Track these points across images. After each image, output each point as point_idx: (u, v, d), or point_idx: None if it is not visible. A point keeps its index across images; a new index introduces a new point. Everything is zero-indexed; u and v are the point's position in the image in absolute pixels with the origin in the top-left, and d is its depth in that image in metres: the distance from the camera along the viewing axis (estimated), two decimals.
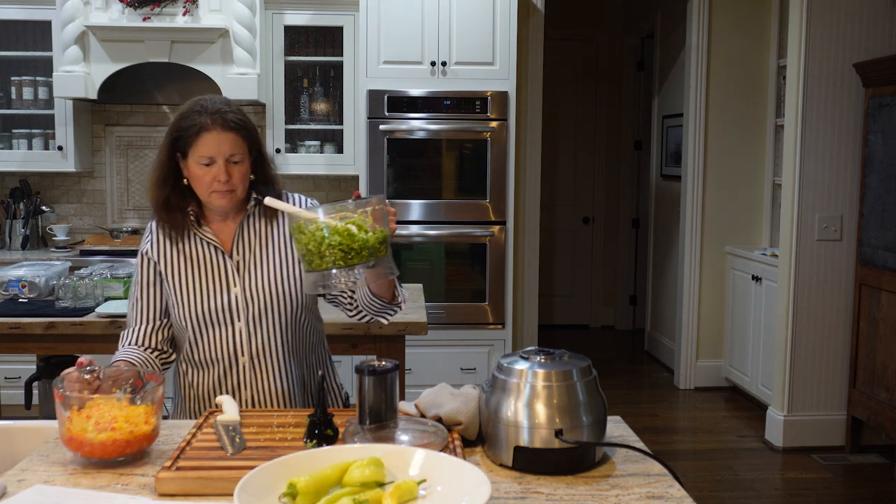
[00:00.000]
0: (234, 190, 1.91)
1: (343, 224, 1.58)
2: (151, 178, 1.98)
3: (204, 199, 1.93)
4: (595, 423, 1.55)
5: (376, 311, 1.99)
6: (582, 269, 7.13)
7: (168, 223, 1.97)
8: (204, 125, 1.86)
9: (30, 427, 1.90)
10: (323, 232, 1.58)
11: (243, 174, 1.91)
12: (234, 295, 1.96)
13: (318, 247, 1.58)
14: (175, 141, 1.91)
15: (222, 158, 1.87)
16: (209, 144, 1.86)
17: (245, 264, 1.98)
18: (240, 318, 1.96)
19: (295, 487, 1.26)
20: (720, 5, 5.16)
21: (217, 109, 1.89)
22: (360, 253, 1.58)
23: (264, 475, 1.29)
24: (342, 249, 1.57)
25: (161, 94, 4.77)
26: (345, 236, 1.57)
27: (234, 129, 1.88)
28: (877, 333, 3.98)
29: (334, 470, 1.31)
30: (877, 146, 3.96)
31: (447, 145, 4.46)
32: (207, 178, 1.88)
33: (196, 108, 1.90)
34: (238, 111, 1.93)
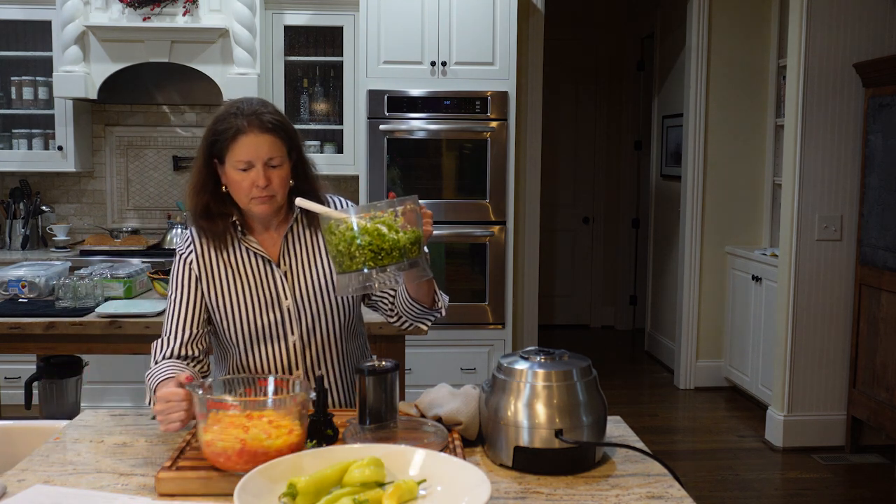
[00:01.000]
0: (273, 196, 1.81)
1: (373, 224, 1.55)
2: (189, 185, 1.89)
3: (243, 206, 1.84)
4: (595, 423, 1.55)
5: (416, 316, 1.94)
6: (582, 269, 7.13)
7: (209, 231, 1.88)
8: (240, 128, 1.78)
9: (30, 427, 1.90)
10: (353, 232, 1.55)
11: (283, 178, 1.82)
12: (286, 308, 1.89)
13: (347, 247, 1.56)
14: (211, 146, 1.82)
15: (260, 162, 1.78)
16: (246, 148, 1.77)
17: (293, 275, 1.90)
18: (293, 332, 1.90)
19: (295, 487, 1.26)
20: (720, 5, 5.16)
21: (253, 111, 1.80)
22: (390, 253, 1.56)
23: (264, 475, 1.29)
24: (372, 250, 1.55)
25: (161, 94, 4.77)
26: (375, 236, 1.55)
27: (271, 130, 1.79)
28: (877, 333, 3.98)
29: (334, 470, 1.31)
30: (877, 146, 3.96)
31: (447, 145, 4.46)
32: (246, 183, 1.79)
33: (232, 110, 1.82)
34: (276, 112, 1.84)
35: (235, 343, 1.92)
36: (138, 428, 1.79)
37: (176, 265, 1.92)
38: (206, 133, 1.85)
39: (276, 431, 1.44)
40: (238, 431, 1.42)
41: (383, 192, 4.39)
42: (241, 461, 1.41)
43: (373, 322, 2.74)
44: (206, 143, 1.84)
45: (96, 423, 1.82)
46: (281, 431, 1.45)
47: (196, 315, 1.91)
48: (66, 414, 3.05)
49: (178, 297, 1.91)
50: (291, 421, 1.47)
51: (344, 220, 1.57)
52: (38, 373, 3.19)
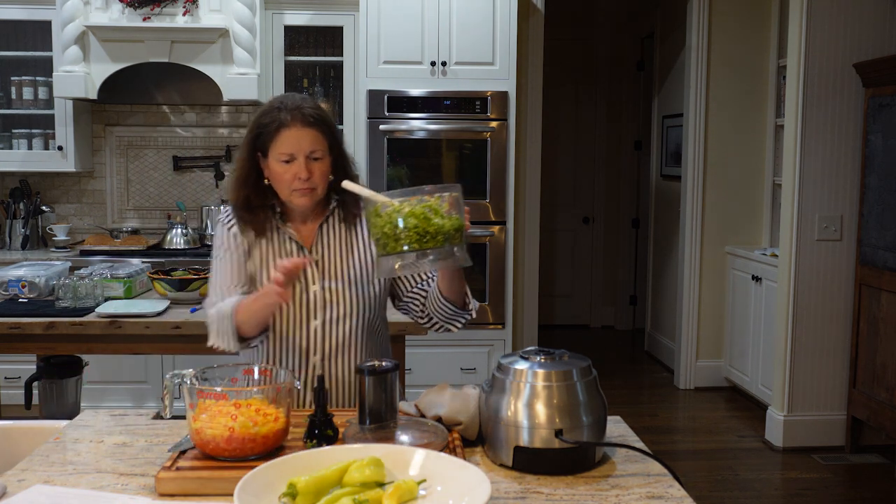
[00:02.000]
0: (314, 188, 1.89)
1: (420, 207, 1.59)
2: (232, 177, 1.97)
3: (285, 197, 1.91)
4: (595, 423, 1.55)
5: (447, 317, 1.97)
6: (582, 269, 7.13)
7: (250, 223, 1.95)
8: (283, 121, 1.85)
9: (30, 427, 1.90)
10: (400, 214, 1.59)
11: (324, 172, 1.89)
12: (313, 293, 1.93)
13: (393, 229, 1.59)
14: (255, 139, 1.90)
15: (302, 155, 1.85)
16: (289, 141, 1.84)
17: (324, 264, 1.96)
18: (316, 317, 1.94)
19: (295, 487, 1.26)
20: (720, 5, 5.16)
21: (296, 105, 1.87)
22: (434, 237, 1.59)
23: (264, 475, 1.29)
24: (418, 233, 1.58)
25: (161, 94, 4.77)
26: (421, 220, 1.58)
27: (313, 124, 1.86)
28: (877, 333, 3.98)
29: (334, 470, 1.32)
30: (877, 146, 3.96)
31: (447, 145, 4.46)
32: (288, 175, 1.86)
33: (276, 104, 1.89)
34: (318, 107, 1.91)
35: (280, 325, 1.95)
36: (138, 428, 1.78)
37: (220, 232, 1.98)
38: (250, 127, 1.92)
39: (262, 419, 1.50)
40: (226, 419, 1.48)
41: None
42: (230, 448, 1.48)
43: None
44: (250, 136, 1.91)
45: (96, 423, 1.82)
46: (267, 419, 1.51)
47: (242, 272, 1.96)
48: (66, 414, 3.05)
49: (225, 258, 1.96)
50: (276, 409, 1.53)
51: (391, 203, 1.61)
52: (38, 373, 3.19)
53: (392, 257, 1.60)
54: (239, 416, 1.48)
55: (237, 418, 1.48)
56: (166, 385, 1.62)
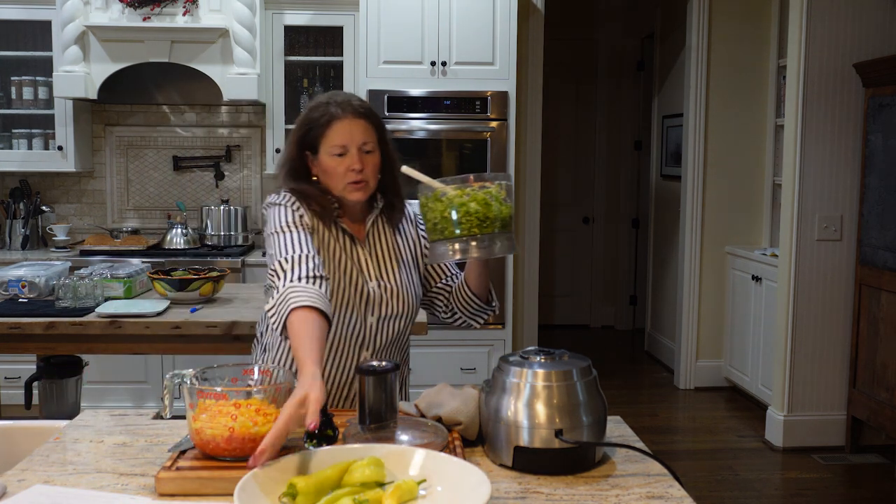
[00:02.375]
0: (367, 181, 1.87)
1: (482, 193, 1.62)
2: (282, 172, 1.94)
3: (338, 193, 1.89)
4: (595, 423, 1.55)
5: (472, 312, 2.00)
6: (582, 269, 7.13)
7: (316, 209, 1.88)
8: (335, 114, 1.84)
9: (30, 427, 1.90)
10: (462, 199, 1.62)
11: (375, 165, 1.88)
12: (371, 289, 1.92)
13: (454, 215, 1.62)
14: (305, 135, 1.88)
15: (355, 147, 1.84)
16: (341, 132, 1.84)
17: (378, 263, 1.95)
18: (373, 313, 1.93)
19: (295, 487, 1.26)
20: (720, 5, 5.16)
21: (346, 99, 1.87)
22: (493, 223, 1.63)
23: (264, 475, 1.29)
24: (479, 217, 1.62)
25: (161, 94, 4.77)
26: (482, 205, 1.62)
27: (364, 116, 1.86)
28: (877, 333, 3.98)
29: (334, 470, 1.31)
30: (877, 146, 3.96)
31: (447, 145, 4.46)
32: (341, 168, 1.85)
33: (324, 100, 1.89)
34: (365, 101, 1.91)
35: None
36: (138, 428, 1.78)
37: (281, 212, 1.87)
38: (298, 124, 1.91)
39: (262, 419, 1.49)
40: (226, 419, 1.48)
41: None
42: (230, 448, 1.47)
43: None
44: (298, 133, 1.90)
45: (96, 423, 1.82)
46: (268, 419, 1.50)
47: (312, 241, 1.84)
48: (66, 414, 3.05)
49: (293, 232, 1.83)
50: (276, 409, 1.52)
51: (449, 190, 1.64)
52: (38, 373, 3.19)
53: (449, 242, 1.64)
54: (239, 416, 1.48)
55: (237, 418, 1.48)
56: (166, 385, 1.62)
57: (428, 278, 2.07)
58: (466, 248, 1.64)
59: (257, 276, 4.45)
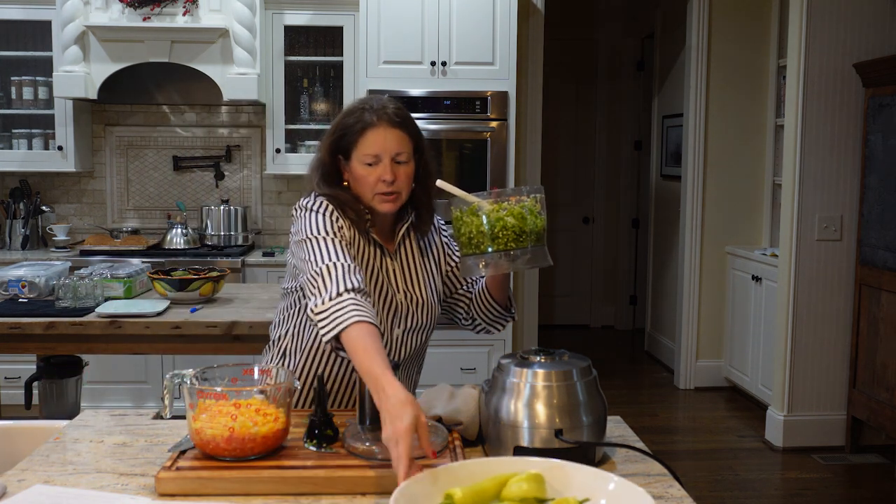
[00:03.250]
0: (399, 193, 1.81)
1: (518, 207, 1.63)
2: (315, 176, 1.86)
3: (367, 202, 1.82)
4: (595, 423, 1.55)
5: (492, 319, 1.96)
6: (582, 269, 7.13)
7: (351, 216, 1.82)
8: (369, 122, 1.79)
9: (30, 427, 1.90)
10: (500, 213, 1.62)
11: (408, 176, 1.82)
12: (399, 300, 1.89)
13: (492, 228, 1.62)
14: (338, 140, 1.82)
15: (388, 157, 1.78)
16: (375, 141, 1.78)
17: (403, 274, 1.91)
18: (399, 325, 1.90)
19: (452, 499, 1.22)
20: (720, 5, 5.16)
21: (382, 106, 1.82)
22: (529, 237, 1.63)
23: (421, 485, 1.25)
24: (515, 232, 1.62)
25: (161, 94, 4.77)
26: (519, 219, 1.62)
27: (399, 125, 1.81)
28: (877, 333, 3.98)
29: (492, 483, 1.26)
30: (877, 146, 3.96)
31: (447, 145, 4.46)
32: (372, 178, 1.78)
33: (360, 105, 1.83)
34: (403, 109, 1.85)
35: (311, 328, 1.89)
36: (138, 428, 1.78)
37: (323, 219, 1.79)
38: (332, 128, 1.85)
39: (262, 419, 1.50)
40: (226, 419, 1.48)
41: None
42: (230, 448, 1.48)
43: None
44: (332, 138, 1.84)
45: (96, 423, 1.82)
46: (267, 419, 1.51)
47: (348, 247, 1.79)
48: (66, 414, 3.05)
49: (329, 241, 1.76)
50: (276, 409, 1.53)
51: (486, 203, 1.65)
52: (38, 373, 3.19)
53: (485, 256, 1.64)
54: (239, 416, 1.48)
55: (237, 418, 1.48)
56: (166, 385, 1.62)
57: (449, 284, 2.03)
58: (501, 263, 1.63)
59: (257, 276, 4.45)
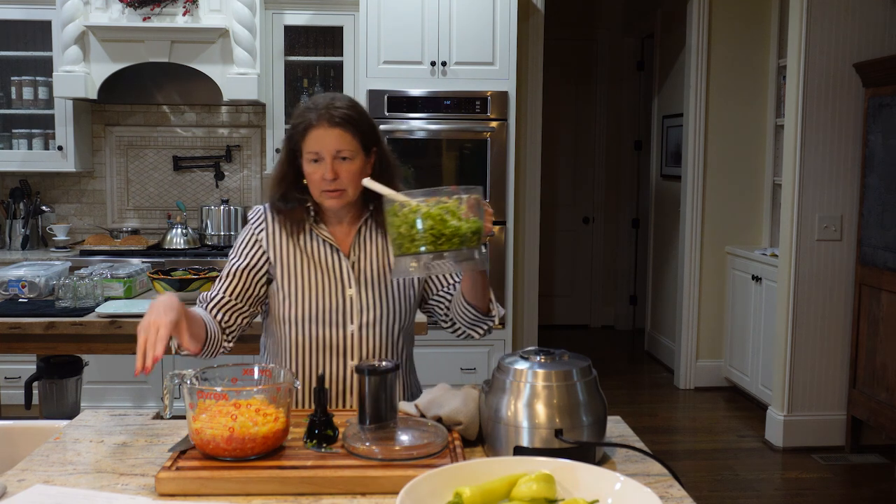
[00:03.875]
0: (343, 190, 1.85)
1: (437, 209, 1.59)
2: (272, 175, 1.98)
3: (316, 198, 1.89)
4: (595, 423, 1.54)
5: (469, 322, 1.96)
6: (582, 269, 7.13)
7: (286, 218, 1.93)
8: (311, 122, 1.84)
9: (30, 427, 1.90)
10: (416, 215, 1.59)
11: (352, 173, 1.85)
12: (350, 297, 1.92)
13: (409, 230, 1.59)
14: (289, 140, 1.90)
15: (329, 155, 1.83)
16: (315, 141, 1.83)
17: (360, 267, 1.94)
18: (353, 321, 1.92)
19: (461, 497, 1.22)
20: (720, 5, 5.16)
21: (326, 105, 1.85)
22: (450, 239, 1.59)
23: (430, 482, 1.25)
24: (433, 234, 1.58)
25: (161, 94, 4.77)
26: (437, 221, 1.58)
27: (339, 124, 1.84)
28: (877, 333, 3.98)
29: (502, 482, 1.27)
30: (877, 146, 3.96)
31: (447, 145, 4.46)
32: (316, 175, 1.85)
33: (308, 104, 1.89)
34: (350, 107, 1.88)
35: (294, 322, 1.93)
36: (138, 428, 1.78)
37: (245, 233, 1.98)
38: (288, 128, 1.94)
39: (262, 419, 1.50)
40: (226, 419, 1.48)
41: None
42: (230, 448, 1.48)
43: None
44: (286, 136, 1.93)
45: (96, 423, 1.82)
46: (267, 419, 1.51)
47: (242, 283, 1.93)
48: (66, 414, 3.05)
49: (232, 264, 1.96)
50: (276, 409, 1.53)
51: (408, 203, 1.61)
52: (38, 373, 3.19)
53: (407, 258, 1.61)
54: (239, 416, 1.48)
55: (237, 418, 1.48)
56: (166, 385, 1.62)
57: (427, 287, 2.04)
58: (422, 265, 1.60)
59: None
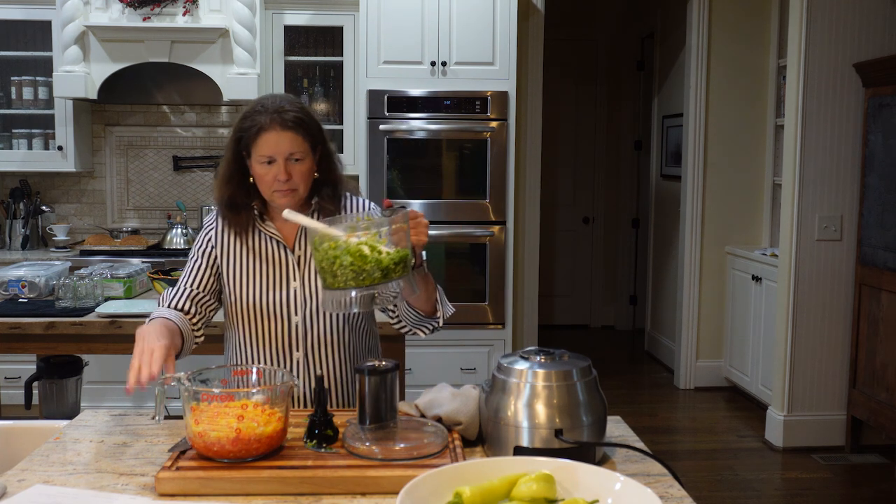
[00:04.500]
0: (295, 189, 1.90)
1: (356, 244, 1.56)
2: (217, 176, 2.00)
3: (267, 197, 1.94)
4: (595, 423, 1.55)
5: (414, 322, 2.00)
6: (582, 269, 7.13)
7: (233, 222, 1.98)
8: (263, 125, 1.87)
9: (30, 427, 1.90)
10: (335, 251, 1.57)
11: (304, 173, 1.91)
12: (294, 289, 1.97)
13: (330, 266, 1.58)
14: (238, 141, 1.92)
15: (282, 158, 1.87)
16: (268, 144, 1.86)
17: (306, 261, 1.98)
18: (297, 313, 1.97)
19: (461, 497, 1.22)
20: (720, 5, 5.16)
21: (277, 108, 1.88)
22: (372, 274, 1.56)
23: (430, 482, 1.25)
24: (354, 270, 1.56)
25: (161, 94, 4.77)
26: (356, 257, 1.56)
27: (292, 127, 1.87)
28: (877, 333, 3.98)
29: (502, 482, 1.27)
30: (877, 146, 3.96)
31: (447, 145, 4.46)
32: (269, 177, 1.88)
33: (257, 107, 1.91)
34: (300, 109, 1.92)
35: (241, 317, 1.99)
36: (138, 428, 1.79)
37: (200, 238, 2.05)
38: (234, 129, 1.95)
39: (265, 419, 1.50)
40: (231, 420, 1.48)
41: (383, 193, 4.40)
42: (235, 449, 1.48)
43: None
44: (233, 137, 1.94)
45: (96, 423, 1.82)
46: (272, 419, 1.51)
47: (203, 278, 2.01)
48: (66, 414, 3.05)
49: (191, 262, 2.03)
50: (277, 408, 1.53)
51: (327, 237, 1.59)
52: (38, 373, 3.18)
53: (332, 292, 1.59)
54: (245, 417, 1.48)
55: (243, 419, 1.47)
56: (158, 390, 1.60)
57: None
58: (345, 303, 1.59)
59: None
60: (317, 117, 1.98)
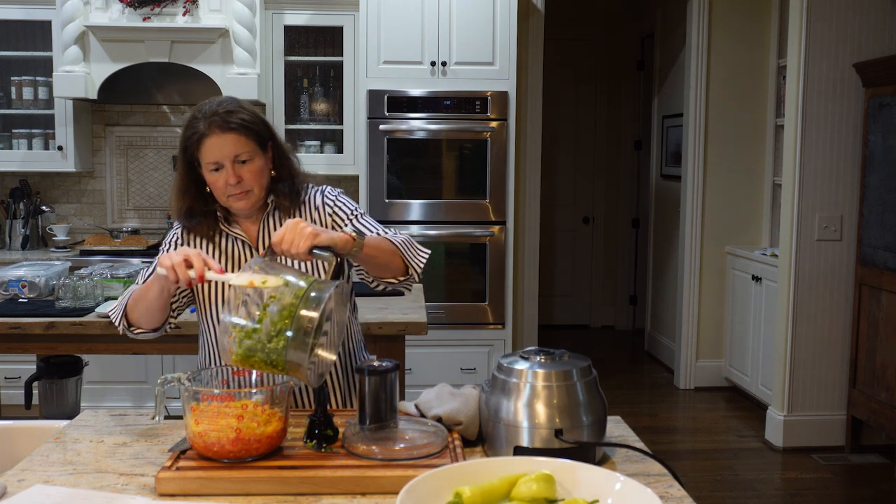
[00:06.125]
0: (249, 190, 1.87)
1: (243, 348, 1.50)
2: (173, 189, 1.97)
3: (224, 203, 1.91)
4: (595, 423, 1.55)
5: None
6: (582, 269, 7.13)
7: (194, 231, 1.95)
8: (203, 131, 1.82)
9: (30, 427, 1.90)
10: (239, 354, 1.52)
11: (255, 173, 1.87)
12: None
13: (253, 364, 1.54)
14: (184, 153, 1.89)
15: (228, 161, 1.83)
16: (212, 150, 1.82)
17: None
18: None
19: (461, 497, 1.22)
20: (720, 5, 5.16)
21: (213, 112, 1.84)
22: (274, 368, 1.51)
23: (430, 482, 1.25)
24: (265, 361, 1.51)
25: (161, 94, 4.77)
26: (245, 351, 1.51)
27: (234, 129, 1.83)
28: (877, 333, 3.98)
29: (502, 482, 1.27)
30: (877, 146, 3.96)
31: (447, 145, 4.46)
32: (220, 182, 1.85)
33: (195, 115, 1.86)
34: (239, 108, 1.87)
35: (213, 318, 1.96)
36: (138, 428, 1.78)
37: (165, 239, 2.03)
38: (180, 140, 1.91)
39: (265, 418, 1.50)
40: (232, 420, 1.47)
41: (383, 193, 4.40)
42: (236, 449, 1.48)
43: (373, 322, 2.74)
44: (181, 148, 1.91)
45: (96, 423, 1.82)
46: (272, 419, 1.51)
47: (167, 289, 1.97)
48: (66, 414, 3.05)
49: None
50: (279, 408, 1.53)
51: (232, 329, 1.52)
52: (38, 373, 3.19)
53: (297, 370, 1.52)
54: (245, 417, 1.48)
55: (243, 419, 1.47)
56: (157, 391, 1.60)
57: None
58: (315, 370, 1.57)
59: None
60: (261, 115, 1.93)
